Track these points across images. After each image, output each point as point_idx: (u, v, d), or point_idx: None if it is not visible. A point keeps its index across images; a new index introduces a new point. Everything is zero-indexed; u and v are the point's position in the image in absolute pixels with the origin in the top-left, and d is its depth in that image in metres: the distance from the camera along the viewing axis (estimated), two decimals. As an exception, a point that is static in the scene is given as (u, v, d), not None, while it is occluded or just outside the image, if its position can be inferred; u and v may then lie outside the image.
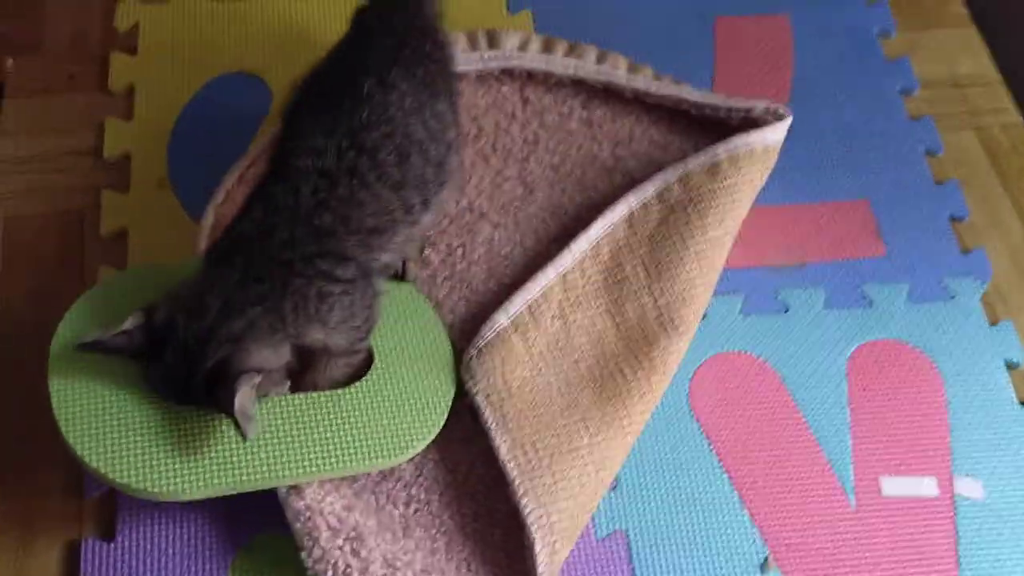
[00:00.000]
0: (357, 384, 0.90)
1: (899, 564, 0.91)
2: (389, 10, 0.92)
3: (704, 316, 1.01)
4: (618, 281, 0.99)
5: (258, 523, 0.88)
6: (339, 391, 0.89)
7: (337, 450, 0.86)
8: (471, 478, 0.91)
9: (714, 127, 1.10)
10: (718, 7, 1.26)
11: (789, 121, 1.06)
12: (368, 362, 0.92)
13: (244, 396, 0.75)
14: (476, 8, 1.22)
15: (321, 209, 0.80)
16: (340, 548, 0.83)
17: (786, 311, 1.04)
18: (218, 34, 1.17)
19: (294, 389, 0.89)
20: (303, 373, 0.87)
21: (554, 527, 0.85)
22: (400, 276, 0.98)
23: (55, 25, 1.20)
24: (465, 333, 0.98)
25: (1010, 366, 1.03)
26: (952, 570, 0.91)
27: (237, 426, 0.75)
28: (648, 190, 1.03)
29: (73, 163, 1.08)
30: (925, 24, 1.29)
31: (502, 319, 0.95)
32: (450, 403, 0.92)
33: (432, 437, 0.90)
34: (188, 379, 0.78)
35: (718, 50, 1.23)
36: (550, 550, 0.84)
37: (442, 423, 0.91)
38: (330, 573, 0.82)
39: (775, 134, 1.05)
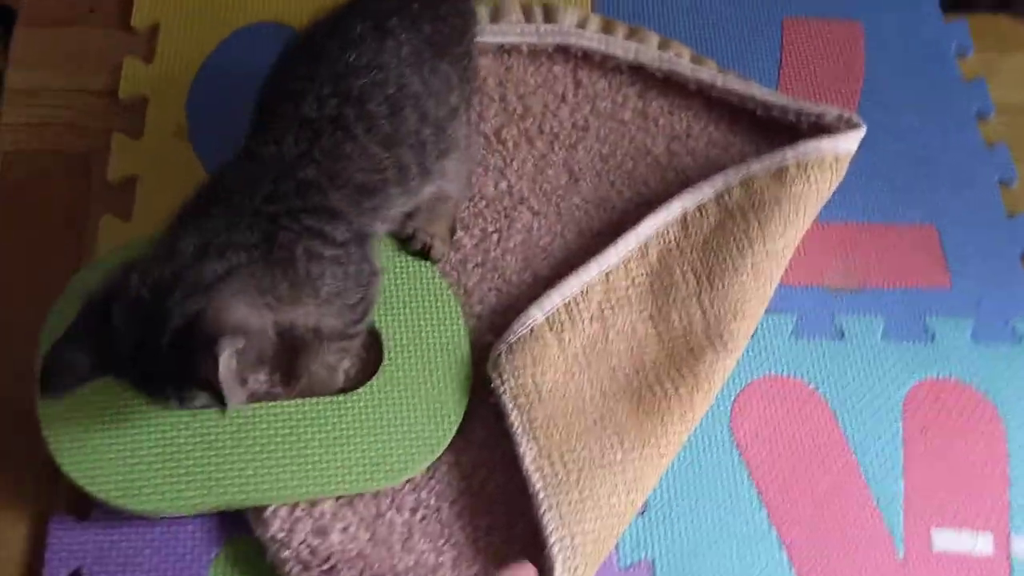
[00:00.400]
0: (360, 391, 0.82)
1: (945, 627, 0.83)
2: None
3: (754, 334, 0.93)
4: (665, 287, 0.91)
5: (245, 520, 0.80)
6: (341, 399, 0.81)
7: (333, 469, 0.79)
8: (488, 486, 0.83)
9: (780, 131, 1.02)
10: (787, 7, 1.18)
11: (863, 131, 0.98)
12: (375, 357, 0.84)
13: (228, 360, 0.64)
14: (532, -19, 1.14)
15: (304, 161, 0.72)
16: None
17: (842, 337, 0.96)
18: (253, -20, 1.09)
19: (284, 383, 0.81)
20: (293, 361, 0.78)
21: (577, 550, 0.77)
22: (425, 254, 0.90)
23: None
24: (495, 326, 0.90)
25: (1077, 420, 0.95)
26: (1002, 638, 0.83)
27: (220, 398, 0.64)
28: (706, 191, 0.94)
29: (85, 102, 0.99)
30: (1003, 47, 1.20)
31: (536, 314, 0.87)
32: (463, 410, 0.84)
33: (441, 452, 0.82)
34: (144, 348, 0.64)
35: (785, 50, 1.14)
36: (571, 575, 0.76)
37: (452, 434, 0.83)
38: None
39: (848, 143, 0.97)
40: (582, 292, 0.89)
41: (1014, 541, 0.88)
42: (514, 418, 0.82)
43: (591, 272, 0.90)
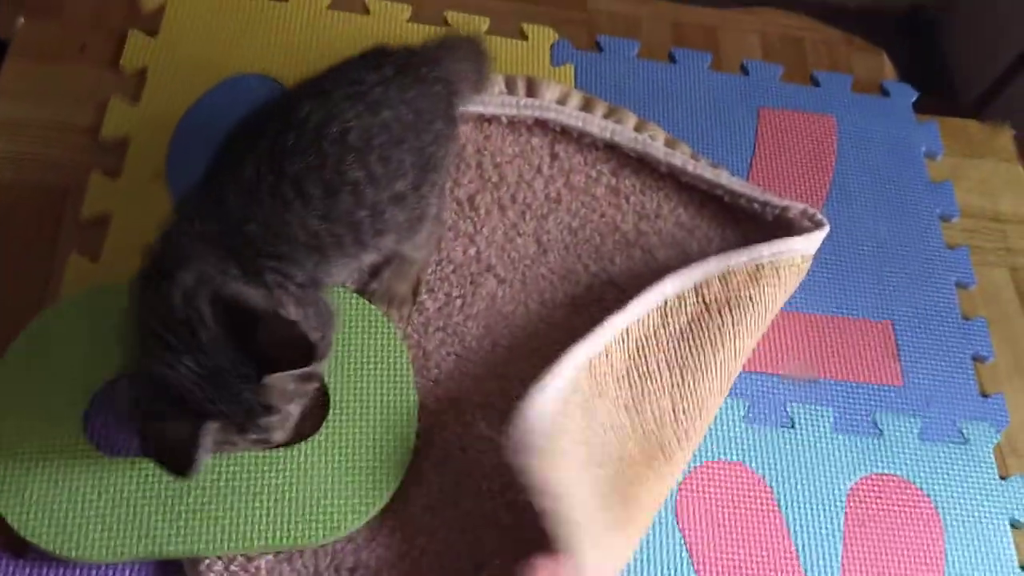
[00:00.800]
0: (301, 445, 0.83)
1: None
2: (390, 54, 0.86)
3: (705, 417, 0.94)
4: (640, 376, 0.91)
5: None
6: (281, 452, 0.82)
7: (268, 522, 0.79)
8: (429, 551, 0.83)
9: (745, 219, 1.04)
10: (765, 97, 1.21)
11: (827, 230, 1.00)
12: (321, 409, 0.85)
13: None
14: (519, 53, 1.17)
15: (246, 221, 0.75)
16: None
17: (792, 426, 0.98)
18: (243, 32, 1.11)
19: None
20: None
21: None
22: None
23: (79, -11, 1.14)
24: (448, 392, 0.90)
25: (1015, 525, 0.96)
26: None
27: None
28: (687, 281, 0.95)
29: (67, 138, 1.01)
30: (972, 152, 1.24)
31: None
32: (404, 471, 0.84)
33: (377, 510, 0.83)
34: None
35: (759, 138, 1.18)
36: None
37: (391, 493, 0.83)
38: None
39: (812, 244, 0.99)
40: (571, 383, 0.88)
41: (946, 643, 0.89)
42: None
43: (578, 359, 0.89)
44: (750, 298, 0.93)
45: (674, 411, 0.89)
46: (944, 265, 1.12)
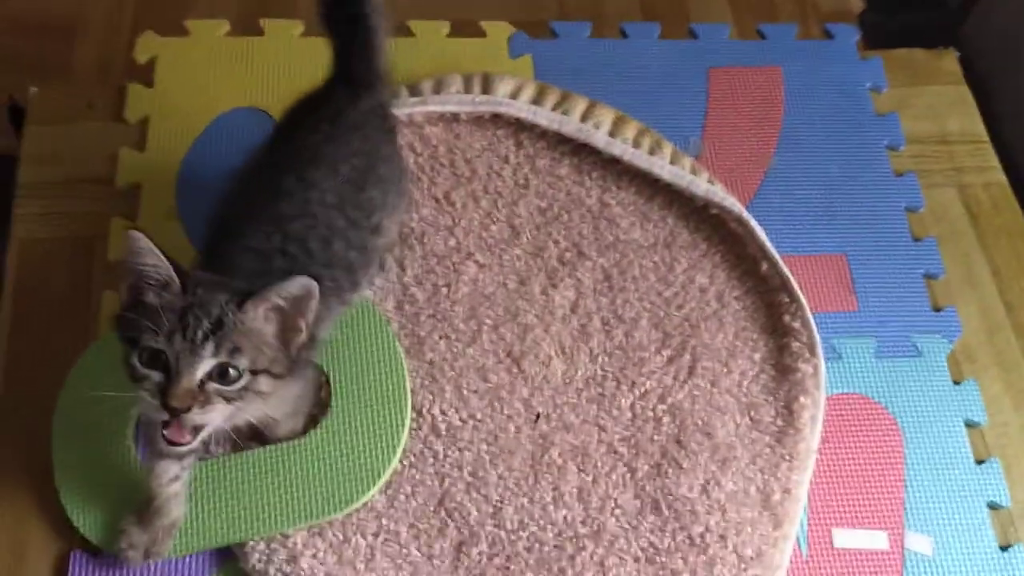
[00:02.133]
0: (311, 433, 0.97)
1: (845, 614, 0.96)
2: (319, 105, 0.95)
3: (674, 364, 1.06)
4: None
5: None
6: (295, 443, 0.96)
7: (293, 505, 0.93)
8: (440, 511, 0.97)
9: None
10: (714, 58, 1.30)
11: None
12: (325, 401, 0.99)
13: None
14: (478, 51, 1.27)
15: (263, 276, 0.82)
16: None
17: (754, 361, 1.08)
18: (231, 70, 1.23)
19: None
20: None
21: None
22: None
23: (84, 51, 1.27)
24: (443, 371, 1.03)
25: (969, 425, 1.06)
26: (897, 622, 0.95)
27: None
28: None
29: (86, 190, 1.14)
30: (917, 80, 1.31)
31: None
32: (403, 442, 0.97)
33: (383, 481, 0.96)
34: None
35: (711, 99, 1.27)
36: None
37: (394, 464, 0.96)
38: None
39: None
40: None
41: (908, 537, 1.00)
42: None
43: None
44: None
45: None
46: (893, 193, 1.21)
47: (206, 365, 0.75)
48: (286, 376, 0.80)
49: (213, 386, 0.75)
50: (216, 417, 0.77)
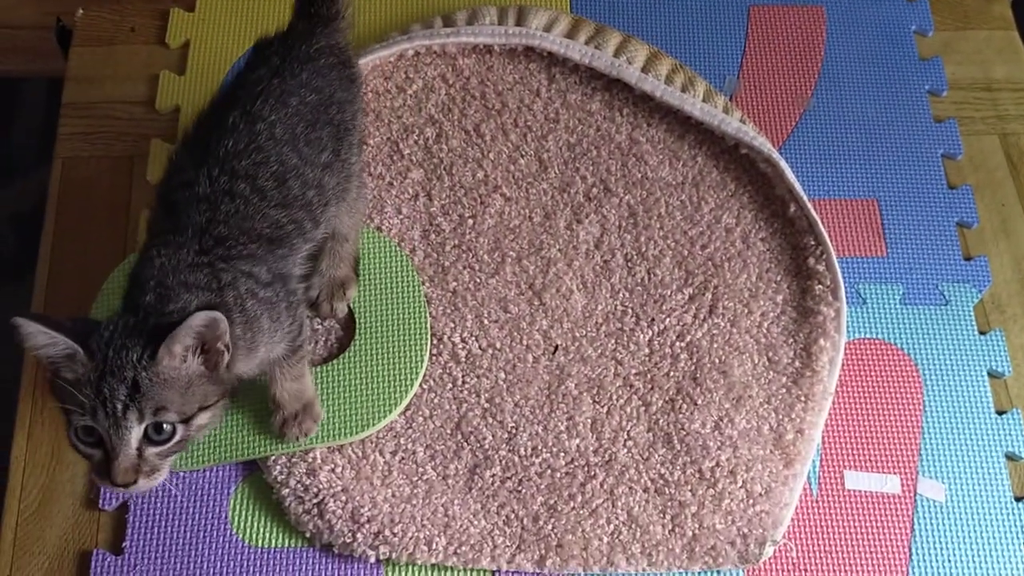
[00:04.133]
0: (335, 360, 1.00)
1: (852, 553, 0.97)
2: (270, 44, 0.92)
3: (695, 302, 1.07)
4: None
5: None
6: (321, 368, 0.99)
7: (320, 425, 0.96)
8: (457, 434, 0.99)
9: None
10: (755, -5, 1.28)
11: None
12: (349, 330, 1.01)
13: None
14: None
15: (214, 225, 0.83)
16: (308, 513, 0.94)
17: (776, 302, 1.09)
18: (270, -2, 1.25)
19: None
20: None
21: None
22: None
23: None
24: (465, 300, 1.05)
25: (993, 375, 1.05)
26: (903, 565, 0.96)
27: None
28: None
29: (128, 112, 1.17)
30: (964, 24, 1.28)
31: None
32: (424, 368, 1.00)
33: (402, 407, 0.99)
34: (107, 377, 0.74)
35: (750, 38, 1.25)
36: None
37: (413, 392, 0.99)
38: (307, 534, 0.95)
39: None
40: None
41: (920, 482, 1.00)
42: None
43: None
44: None
45: None
46: (932, 139, 1.19)
47: (136, 434, 0.74)
48: (221, 397, 0.80)
49: (150, 451, 0.76)
50: (165, 473, 0.78)
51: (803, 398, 1.01)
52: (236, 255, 0.83)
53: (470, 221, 1.10)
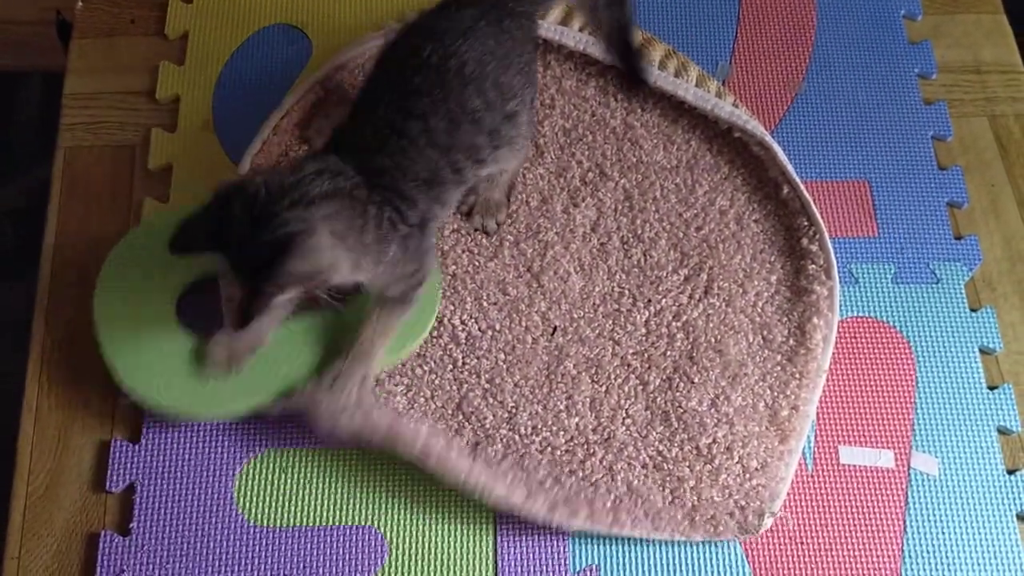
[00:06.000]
0: (348, 311, 0.99)
1: (846, 528, 0.99)
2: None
3: (690, 282, 1.09)
4: None
5: (263, 441, 1.01)
6: (328, 317, 1.00)
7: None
8: (458, 414, 1.01)
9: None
10: (748, -21, 1.30)
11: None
12: None
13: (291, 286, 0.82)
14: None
15: (379, 155, 0.88)
16: None
17: (770, 283, 1.10)
18: (265, -14, 1.26)
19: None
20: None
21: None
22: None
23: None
24: (464, 284, 1.07)
25: (984, 351, 1.07)
26: (897, 539, 0.98)
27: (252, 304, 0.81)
28: None
29: (129, 102, 1.19)
30: (953, 8, 1.30)
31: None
32: (435, 315, 1.03)
33: (422, 339, 1.02)
34: (247, 239, 0.79)
35: (741, 22, 1.27)
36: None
37: (430, 326, 1.02)
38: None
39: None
40: None
41: (914, 457, 1.02)
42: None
43: None
44: None
45: None
46: (922, 121, 1.21)
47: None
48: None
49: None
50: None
51: (797, 375, 1.03)
52: (391, 187, 0.88)
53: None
